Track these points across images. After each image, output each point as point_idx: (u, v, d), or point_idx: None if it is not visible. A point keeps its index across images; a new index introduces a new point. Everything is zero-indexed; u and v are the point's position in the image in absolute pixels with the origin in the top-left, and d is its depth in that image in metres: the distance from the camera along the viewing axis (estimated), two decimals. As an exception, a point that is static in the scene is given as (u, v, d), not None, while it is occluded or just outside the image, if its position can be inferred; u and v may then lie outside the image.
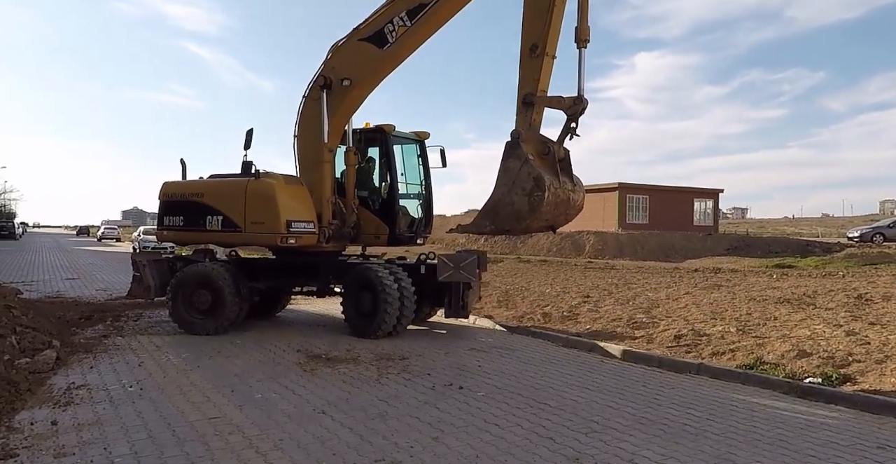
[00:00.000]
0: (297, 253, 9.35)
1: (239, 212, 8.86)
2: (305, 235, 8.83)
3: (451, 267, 8.51)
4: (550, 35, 7.80)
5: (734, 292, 12.88)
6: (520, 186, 7.76)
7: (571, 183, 8.21)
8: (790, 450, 4.42)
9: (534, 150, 7.94)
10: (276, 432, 4.70)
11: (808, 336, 7.90)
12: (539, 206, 7.67)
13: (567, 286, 14.88)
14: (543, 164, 7.89)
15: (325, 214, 9.13)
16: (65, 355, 6.95)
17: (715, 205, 40.36)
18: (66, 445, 4.29)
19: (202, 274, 8.96)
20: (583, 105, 7.85)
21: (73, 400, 5.37)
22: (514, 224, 8.07)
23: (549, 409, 5.40)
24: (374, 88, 9.29)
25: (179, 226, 9.41)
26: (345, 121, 9.36)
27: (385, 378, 6.41)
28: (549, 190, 7.65)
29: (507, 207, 7.82)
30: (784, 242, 33.66)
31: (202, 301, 8.82)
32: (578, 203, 8.54)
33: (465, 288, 8.77)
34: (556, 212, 8.16)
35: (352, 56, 8.96)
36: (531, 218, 7.84)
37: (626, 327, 9.10)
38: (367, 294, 8.62)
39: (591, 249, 31.46)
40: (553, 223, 8.50)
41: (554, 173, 7.87)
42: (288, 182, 9.07)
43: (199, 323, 8.80)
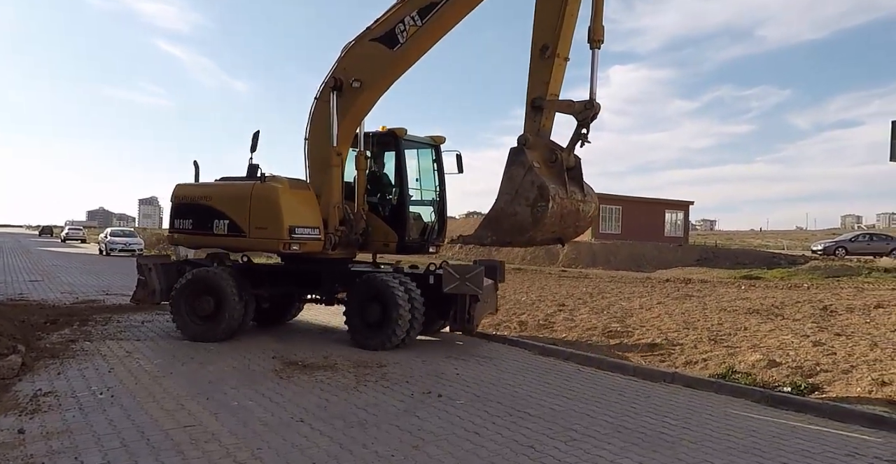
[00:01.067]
0: (304, 260, 9.15)
1: (244, 216, 8.67)
2: (310, 241, 8.62)
3: (457, 278, 8.18)
4: (563, 36, 7.50)
5: (705, 303, 13.11)
6: (523, 196, 7.35)
7: (581, 193, 7.81)
8: (764, 457, 4.51)
9: (540, 157, 7.56)
10: (254, 440, 4.63)
11: (777, 346, 8.08)
12: (543, 217, 7.27)
13: (542, 295, 14.98)
14: (550, 172, 7.50)
15: (332, 219, 8.89)
16: (30, 361, 6.75)
17: (685, 216, 41.10)
18: (34, 454, 4.16)
19: (205, 279, 8.75)
20: (594, 110, 7.50)
21: (41, 407, 5.21)
22: (516, 236, 7.69)
23: (529, 417, 5.42)
24: (385, 91, 9.08)
25: (189, 229, 9.22)
26: (355, 124, 9.17)
27: (363, 386, 6.36)
28: (555, 200, 7.26)
29: (510, 217, 7.43)
30: (751, 254, 34.42)
31: (204, 307, 8.62)
32: (589, 215, 8.14)
33: (473, 300, 8.39)
34: (563, 224, 7.78)
35: (362, 57, 8.78)
36: (535, 230, 7.43)
37: (602, 336, 9.20)
38: (375, 304, 8.34)
39: (564, 258, 31.74)
40: (561, 235, 8.08)
41: (561, 182, 7.49)
42: (293, 186, 8.86)
43: (201, 329, 8.60)
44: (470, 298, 8.34)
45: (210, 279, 8.72)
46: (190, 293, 8.77)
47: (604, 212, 36.48)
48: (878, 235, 38.08)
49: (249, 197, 8.68)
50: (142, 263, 9.62)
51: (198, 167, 9.62)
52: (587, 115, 7.54)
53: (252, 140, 9.05)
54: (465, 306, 8.37)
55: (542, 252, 33.10)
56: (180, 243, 10.03)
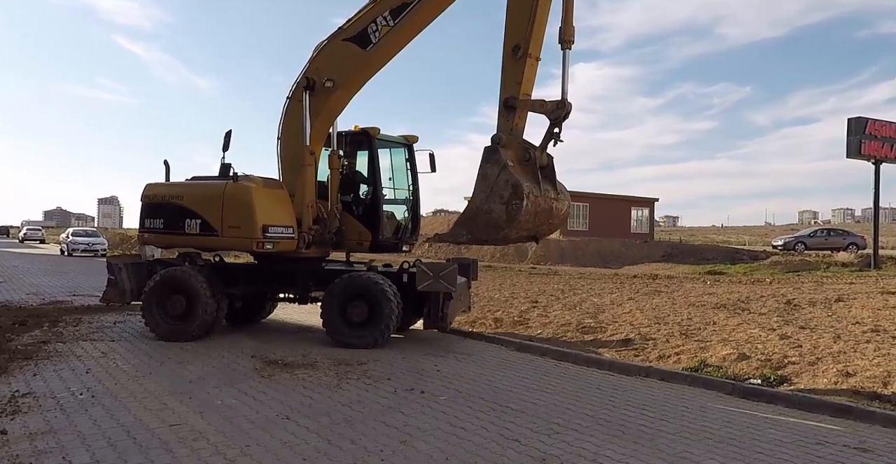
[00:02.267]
0: (277, 259, 9.13)
1: (216, 216, 8.62)
2: (283, 240, 8.61)
3: (431, 276, 8.25)
4: (534, 36, 7.62)
5: (674, 298, 13.45)
6: (498, 194, 7.46)
7: (555, 191, 7.96)
8: (740, 447, 4.70)
9: (514, 156, 7.69)
10: (242, 438, 4.64)
11: (745, 340, 8.37)
12: (517, 215, 7.40)
13: (515, 292, 15.16)
14: (524, 170, 7.63)
15: (306, 218, 8.90)
16: (3, 362, 6.62)
17: (651, 213, 41.93)
18: (20, 454, 4.11)
19: (177, 279, 8.68)
20: (566, 109, 7.63)
21: (20, 409, 5.13)
22: (492, 234, 7.78)
23: (511, 411, 5.54)
24: (358, 90, 9.13)
25: (160, 229, 9.13)
26: (328, 123, 9.19)
27: (345, 383, 6.40)
28: (529, 198, 7.40)
29: (486, 215, 7.52)
30: (715, 250, 35.31)
31: (176, 307, 8.55)
32: (562, 212, 8.30)
33: (446, 298, 8.47)
34: (537, 221, 7.92)
35: (335, 56, 8.81)
36: (509, 227, 7.56)
37: (576, 332, 9.38)
38: (361, 303, 8.34)
39: (533, 255, 32.08)
40: (535, 233, 8.27)
41: (535, 181, 7.62)
42: (267, 186, 8.86)
43: (174, 329, 8.53)
44: (444, 295, 8.41)
45: (181, 279, 8.66)
46: (161, 293, 8.68)
47: (571, 209, 37.01)
48: (835, 231, 39.45)
49: (222, 196, 8.63)
50: (112, 263, 9.48)
51: (168, 167, 9.57)
52: (559, 114, 7.67)
53: (224, 139, 9.01)
54: (439, 304, 8.44)
55: (511, 250, 33.39)
56: (151, 243, 9.90)
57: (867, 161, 24.43)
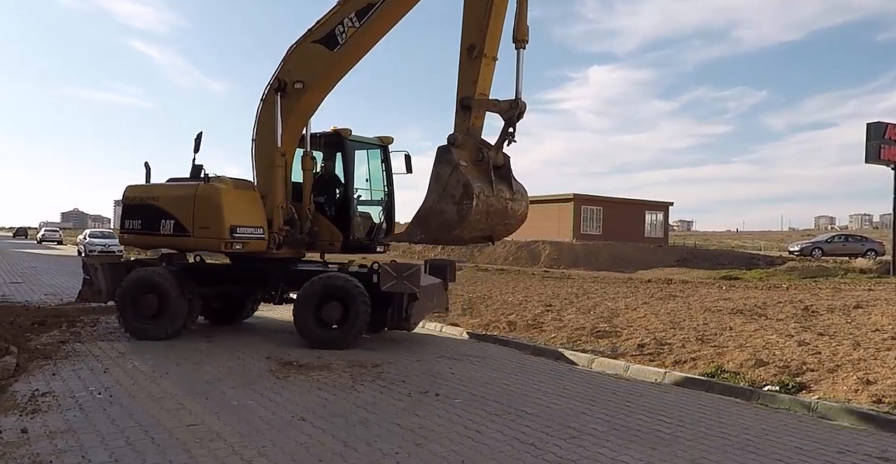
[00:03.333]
0: (251, 259, 9.21)
1: (188, 216, 8.72)
2: (253, 241, 8.67)
3: (394, 277, 8.18)
4: (489, 36, 7.61)
5: (689, 303, 13.34)
6: (450, 194, 7.42)
7: (510, 191, 7.92)
8: (758, 454, 4.65)
9: (468, 156, 7.67)
10: (258, 439, 4.66)
11: (763, 346, 8.28)
12: (467, 215, 7.35)
13: (528, 295, 15.12)
14: (477, 170, 7.60)
15: (276, 219, 8.96)
16: (24, 362, 6.69)
17: (665, 217, 41.67)
18: (40, 453, 4.15)
19: (147, 279, 8.80)
20: (519, 109, 7.61)
21: (40, 407, 5.18)
22: (444, 234, 7.75)
23: (527, 415, 5.51)
24: (329, 92, 9.20)
25: (138, 229, 9.25)
26: (300, 125, 9.23)
27: (360, 385, 6.41)
28: (479, 198, 7.35)
29: (438, 215, 7.49)
30: (730, 255, 35.03)
31: (149, 306, 8.66)
32: (520, 213, 8.24)
33: (411, 299, 8.41)
34: (490, 222, 7.86)
35: (305, 58, 8.88)
36: (460, 227, 7.51)
37: (591, 336, 9.33)
38: (335, 304, 8.36)
39: (546, 258, 32.00)
40: (490, 233, 8.20)
41: (487, 181, 7.58)
42: (237, 187, 8.96)
43: (148, 328, 8.63)
44: (408, 296, 8.36)
45: (152, 279, 8.78)
46: (133, 293, 8.78)
47: (585, 213, 36.89)
48: (853, 237, 38.95)
49: (193, 197, 8.74)
50: (87, 263, 9.70)
51: (149, 169, 9.63)
52: (512, 113, 7.64)
53: (195, 141, 9.13)
54: (403, 305, 8.39)
55: (524, 253, 33.34)
56: (130, 244, 10.06)
57: (886, 166, 24.14)
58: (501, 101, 7.72)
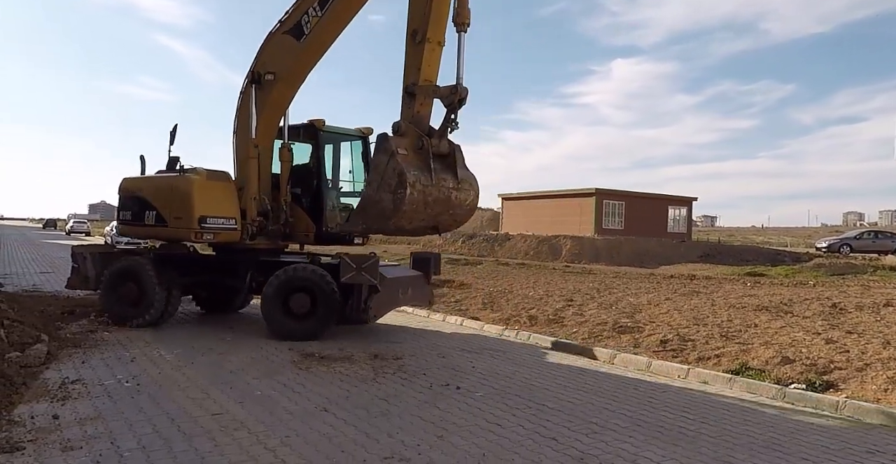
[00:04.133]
0: (231, 250, 9.31)
1: (166, 207, 8.96)
2: (224, 231, 8.79)
3: (353, 268, 8.03)
4: (433, 20, 7.47)
5: (713, 299, 13.17)
6: (387, 183, 7.30)
7: (455, 181, 7.73)
8: (784, 453, 4.59)
9: (410, 144, 7.55)
10: (282, 428, 4.71)
11: (789, 343, 8.14)
12: (401, 204, 7.23)
13: (549, 290, 15.04)
14: (417, 159, 7.46)
15: (250, 210, 9.05)
16: (54, 350, 6.84)
17: (688, 212, 41.13)
18: (71, 439, 4.25)
19: (127, 268, 9.06)
20: (459, 94, 7.45)
21: (71, 395, 5.30)
22: (382, 223, 7.63)
23: (548, 410, 5.50)
24: (300, 83, 9.19)
25: (129, 220, 9.55)
26: (276, 116, 9.25)
27: (381, 377, 6.44)
28: (414, 187, 7.20)
29: (376, 205, 7.38)
30: (755, 251, 34.48)
31: (129, 294, 8.90)
32: (467, 203, 8.03)
33: (372, 291, 8.22)
34: (431, 212, 7.67)
35: (276, 50, 8.96)
36: (396, 217, 7.38)
37: (612, 331, 9.25)
38: (303, 295, 8.25)
39: (567, 253, 31.80)
40: (435, 224, 8.03)
41: (426, 169, 7.42)
42: (211, 178, 9.05)
43: (127, 315, 8.86)
44: (369, 288, 8.21)
45: (132, 268, 9.02)
46: (115, 281, 9.06)
47: (606, 207, 36.56)
48: (882, 233, 38.08)
49: (170, 189, 8.96)
50: (76, 252, 9.99)
51: (144, 162, 9.79)
52: (452, 99, 7.50)
53: (170, 134, 9.29)
54: (362, 296, 8.24)
55: (545, 247, 33.17)
56: (124, 234, 10.44)
57: (918, 161, 23.51)
58: (442, 86, 7.58)
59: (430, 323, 10.44)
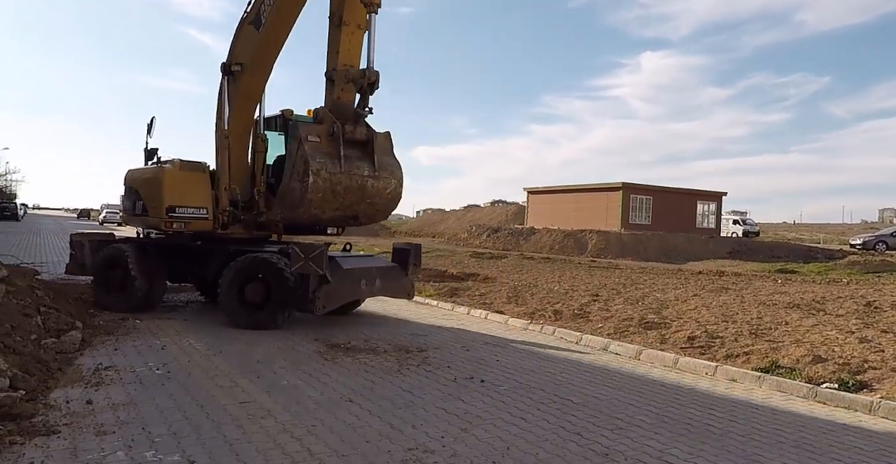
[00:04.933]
0: (209, 238, 9.41)
1: (147, 197, 9.24)
2: (196, 220, 8.96)
3: (302, 258, 7.89)
4: (347, 2, 7.40)
5: (742, 296, 12.96)
6: (296, 171, 7.20)
7: (372, 168, 7.56)
8: (815, 453, 4.50)
9: (325, 131, 7.43)
10: (308, 418, 4.77)
11: (821, 342, 7.98)
12: (306, 192, 7.11)
13: (574, 284, 14.96)
14: (329, 146, 7.33)
15: (222, 200, 9.14)
16: (88, 337, 7.01)
17: (718, 208, 40.46)
18: (104, 423, 4.36)
19: (112, 255, 9.36)
20: (370, 78, 7.30)
21: (104, 380, 5.43)
22: (296, 212, 7.49)
23: (573, 404, 5.47)
24: (266, 73, 9.23)
25: (129, 210, 9.90)
26: (248, 107, 9.27)
27: (406, 369, 6.48)
28: (318, 175, 7.05)
29: (289, 193, 7.26)
30: (786, 248, 33.83)
31: (114, 280, 9.17)
32: (387, 192, 7.85)
33: (322, 281, 8.06)
34: (343, 201, 7.50)
35: (241, 41, 9.07)
36: (304, 206, 7.28)
37: (639, 327, 9.16)
38: (257, 284, 8.19)
39: (593, 247, 31.56)
40: (354, 214, 7.86)
41: (335, 156, 7.23)
42: (184, 168, 9.19)
43: (115, 301, 9.11)
44: (321, 278, 8.04)
45: (116, 255, 9.31)
46: (103, 267, 9.39)
47: (634, 202, 36.16)
48: (920, 231, 37.03)
49: (148, 179, 9.26)
50: (74, 240, 10.33)
51: (148, 154, 9.79)
52: (362, 83, 7.37)
53: (147, 126, 9.53)
54: (308, 287, 8.04)
55: (570, 242, 32.96)
56: (126, 222, 10.87)
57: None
58: (353, 70, 7.43)
59: (455, 316, 10.46)
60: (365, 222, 8.94)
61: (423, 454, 4.15)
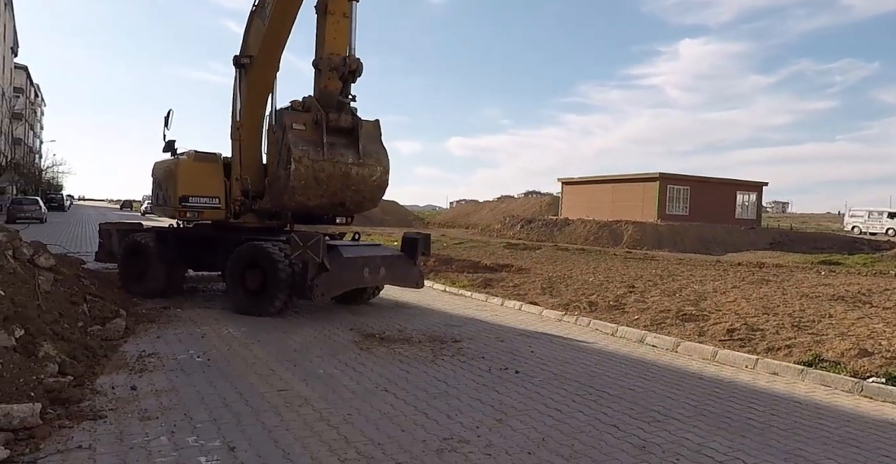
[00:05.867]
0: (224, 227, 9.59)
1: (165, 187, 9.57)
2: (208, 209, 9.21)
3: (301, 246, 7.91)
4: None
5: (784, 288, 12.64)
6: (282, 159, 7.24)
7: (356, 156, 7.56)
8: (862, 449, 4.37)
9: (310, 119, 7.48)
10: (344, 406, 4.83)
11: (867, 335, 7.73)
12: (289, 180, 7.14)
13: (610, 276, 14.78)
14: (313, 134, 7.38)
15: (234, 190, 9.32)
16: (132, 324, 7.22)
17: (758, 198, 39.48)
18: (148, 409, 4.49)
19: (134, 243, 9.65)
20: (350, 66, 7.33)
21: (147, 367, 5.59)
22: (283, 200, 7.52)
23: (609, 397, 5.42)
24: (274, 64, 9.25)
25: (155, 200, 10.29)
26: (259, 99, 9.33)
27: (440, 359, 6.50)
28: (300, 162, 7.08)
29: (276, 181, 7.32)
30: (830, 239, 32.86)
31: (136, 267, 9.45)
32: (372, 180, 7.85)
33: (320, 269, 8.04)
34: (327, 188, 7.48)
35: (251, 33, 9.19)
36: (288, 193, 7.31)
37: (676, 319, 9.01)
38: (255, 272, 8.27)
39: (629, 239, 31.12)
40: (341, 201, 7.83)
41: (317, 144, 7.23)
42: (199, 160, 9.42)
43: (138, 288, 9.41)
44: (319, 266, 8.02)
45: (137, 244, 9.59)
46: (126, 256, 9.71)
47: (670, 192, 35.49)
48: (972, 222, 35.52)
49: (166, 171, 9.57)
50: (103, 229, 10.82)
51: (169, 148, 9.89)
52: (343, 71, 7.40)
53: (165, 119, 9.67)
54: (306, 274, 8.04)
55: (605, 233, 32.57)
56: (154, 213, 11.18)
57: None
58: (336, 57, 7.46)
59: (489, 307, 10.44)
60: (354, 210, 9.01)
61: (458, 444, 4.16)
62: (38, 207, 33.95)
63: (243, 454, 3.81)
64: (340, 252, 8.49)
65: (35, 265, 7.01)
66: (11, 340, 4.68)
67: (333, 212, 9.09)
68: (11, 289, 5.63)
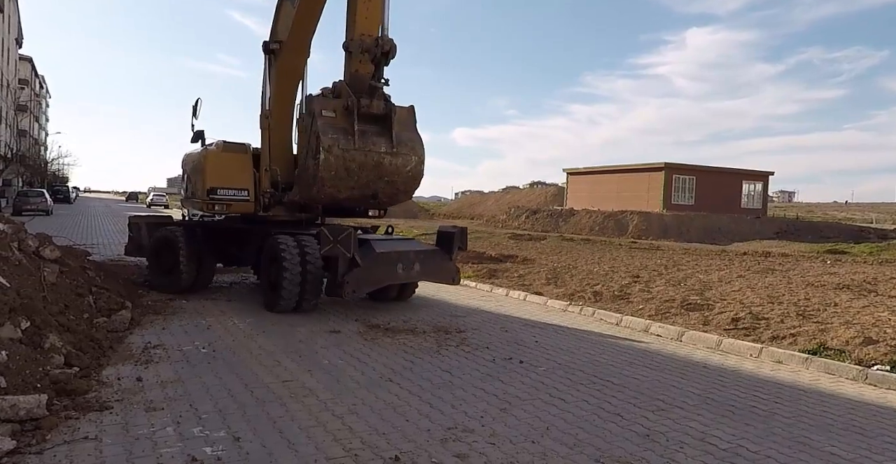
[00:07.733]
0: (252, 220, 9.37)
1: (193, 179, 9.37)
2: (235, 202, 8.95)
3: (331, 241, 7.64)
4: None
5: (789, 277, 12.61)
6: (311, 147, 6.85)
7: (390, 144, 7.17)
8: (866, 436, 4.37)
9: (340, 105, 7.10)
10: (349, 397, 4.84)
11: (872, 323, 7.71)
12: (317, 170, 6.77)
13: (615, 266, 14.77)
14: (344, 121, 6.99)
15: (263, 182, 9.03)
16: (137, 316, 7.25)
17: (764, 187, 39.30)
18: (154, 400, 4.51)
19: (163, 237, 9.46)
20: (382, 48, 6.98)
21: (153, 359, 5.61)
22: (312, 191, 7.11)
23: (613, 386, 5.43)
24: (303, 50, 8.99)
25: (184, 192, 10.10)
26: (288, 87, 9.08)
27: (445, 350, 6.51)
28: (330, 152, 6.71)
29: (304, 171, 6.91)
30: (836, 228, 32.74)
31: (165, 261, 9.29)
32: (407, 170, 7.45)
33: (352, 265, 7.74)
34: (359, 179, 7.11)
35: (280, 18, 8.97)
36: (318, 184, 6.93)
37: (681, 309, 9.01)
38: (275, 266, 7.98)
39: (634, 229, 31.08)
40: (373, 192, 7.48)
41: (348, 132, 6.89)
42: (227, 150, 9.13)
43: (164, 281, 9.29)
44: (351, 262, 7.76)
45: (166, 237, 9.39)
46: (154, 250, 9.54)
47: (676, 182, 35.36)
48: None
49: (195, 162, 9.34)
50: (132, 222, 10.65)
51: (200, 137, 9.60)
52: (375, 52, 7.05)
53: (193, 108, 9.46)
54: (337, 270, 7.78)
55: (611, 223, 32.53)
56: (183, 205, 11.01)
57: None
58: (368, 38, 7.11)
59: (494, 298, 10.45)
60: (387, 203, 8.63)
61: (463, 434, 4.18)
62: (44, 200, 34.01)
63: (248, 444, 3.83)
64: (373, 247, 8.11)
65: (40, 257, 7.04)
66: (17, 332, 4.70)
67: (365, 204, 8.69)
68: (17, 281, 5.65)
